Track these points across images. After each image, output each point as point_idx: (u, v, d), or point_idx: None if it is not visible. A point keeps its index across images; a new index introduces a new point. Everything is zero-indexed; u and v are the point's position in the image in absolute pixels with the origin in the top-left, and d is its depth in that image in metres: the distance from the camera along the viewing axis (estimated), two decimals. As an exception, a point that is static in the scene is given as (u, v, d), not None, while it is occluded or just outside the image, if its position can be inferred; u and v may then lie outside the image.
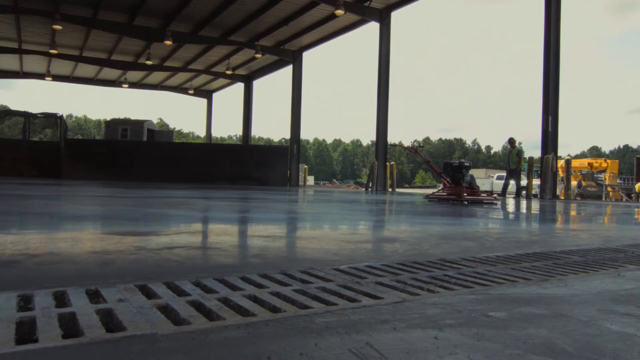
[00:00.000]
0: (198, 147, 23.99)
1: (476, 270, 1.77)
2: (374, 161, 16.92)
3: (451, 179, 8.68)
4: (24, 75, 27.53)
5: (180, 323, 1.03)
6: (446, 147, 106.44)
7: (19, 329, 0.93)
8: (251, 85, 26.36)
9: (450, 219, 4.63)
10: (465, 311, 1.20)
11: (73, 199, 5.67)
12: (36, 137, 26.60)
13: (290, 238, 2.83)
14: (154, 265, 1.69)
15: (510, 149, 13.71)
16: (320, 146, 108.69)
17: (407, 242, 2.60)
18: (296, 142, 21.15)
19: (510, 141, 13.83)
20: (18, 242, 2.12)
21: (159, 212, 4.18)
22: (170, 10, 17.38)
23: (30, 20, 18.33)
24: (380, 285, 1.47)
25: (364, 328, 1.04)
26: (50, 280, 1.36)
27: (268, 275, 1.55)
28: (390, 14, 16.25)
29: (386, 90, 16.25)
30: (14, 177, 15.93)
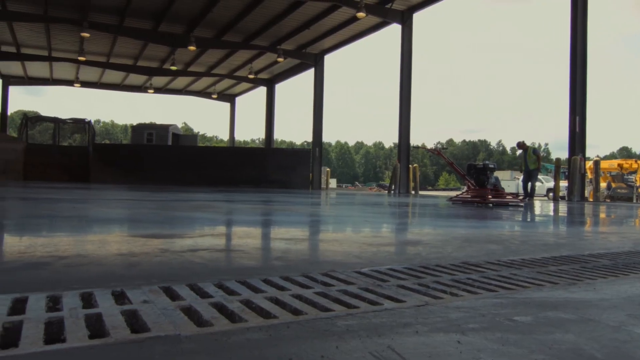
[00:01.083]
0: (221, 150, 24.26)
1: (501, 274, 1.74)
2: (397, 163, 16.82)
3: (475, 181, 8.56)
4: (53, 82, 28.34)
5: (202, 324, 1.04)
6: (470, 149, 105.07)
7: (48, 329, 0.95)
8: (273, 89, 26.53)
9: (474, 222, 4.56)
10: (489, 315, 1.18)
11: (100, 203, 5.80)
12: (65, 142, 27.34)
13: (312, 241, 2.84)
14: (178, 267, 1.71)
15: (524, 151, 13.41)
16: (342, 149, 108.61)
17: (430, 245, 2.57)
18: (318, 145, 21.18)
19: (520, 145, 13.53)
20: (48, 244, 2.18)
21: (183, 215, 4.24)
22: (193, 16, 17.65)
23: (60, 29, 18.87)
24: (402, 289, 1.45)
25: (385, 331, 1.03)
26: (77, 282, 1.40)
27: (290, 277, 1.55)
28: (412, 15, 16.14)
29: (408, 92, 16.14)
30: (45, 181, 16.39)
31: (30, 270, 1.60)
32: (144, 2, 16.35)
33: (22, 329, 0.94)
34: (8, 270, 1.64)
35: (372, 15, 15.85)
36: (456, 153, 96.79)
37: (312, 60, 21.33)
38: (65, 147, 22.44)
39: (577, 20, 11.57)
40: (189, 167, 18.08)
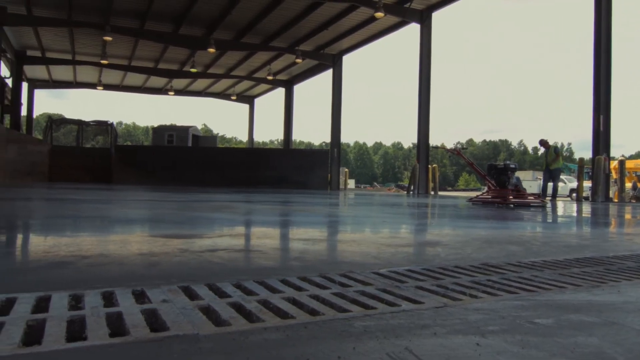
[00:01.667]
0: (241, 151, 24.46)
1: (521, 276, 1.71)
2: (416, 164, 16.70)
3: (496, 182, 8.44)
4: (77, 85, 28.95)
5: (221, 324, 1.05)
6: (491, 149, 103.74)
7: (70, 327, 0.97)
8: (292, 90, 26.62)
9: (494, 223, 4.50)
10: (509, 317, 1.17)
11: (122, 203, 5.90)
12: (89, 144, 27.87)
13: (330, 241, 2.83)
14: (197, 267, 1.73)
15: (546, 149, 13.13)
16: (360, 149, 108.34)
17: (449, 246, 2.54)
18: (337, 146, 21.17)
19: (542, 143, 13.24)
20: (71, 244, 2.22)
21: (202, 216, 4.28)
22: (213, 19, 17.84)
23: (83, 33, 19.27)
24: (421, 290, 1.44)
25: (403, 333, 1.02)
26: (99, 281, 1.42)
27: (307, 278, 1.55)
28: (431, 14, 16.02)
29: (427, 92, 16.02)
30: (69, 182, 16.75)
31: (54, 269, 1.63)
32: (164, 5, 16.59)
33: (46, 327, 0.96)
34: (33, 270, 1.68)
35: (391, 15, 15.78)
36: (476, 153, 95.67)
37: (331, 60, 21.34)
38: (89, 149, 22.89)
39: (601, 15, 11.33)
40: (208, 167, 18.27)
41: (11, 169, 14.22)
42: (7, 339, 0.89)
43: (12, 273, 1.60)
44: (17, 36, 20.06)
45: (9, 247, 2.32)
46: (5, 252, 2.13)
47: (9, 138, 14.15)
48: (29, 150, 16.74)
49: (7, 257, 1.98)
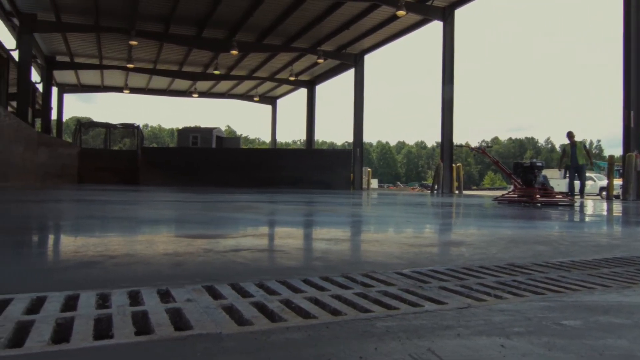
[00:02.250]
0: (263, 152, 24.63)
1: (548, 276, 1.67)
2: (439, 163, 16.52)
3: (522, 180, 8.28)
4: (104, 89, 29.64)
5: (243, 323, 1.06)
6: (517, 147, 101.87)
7: (97, 325, 1.00)
8: (314, 90, 26.66)
9: (521, 222, 4.42)
10: (535, 319, 1.14)
11: (149, 204, 6.01)
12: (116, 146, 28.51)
13: (353, 241, 2.83)
14: (221, 267, 1.75)
15: (572, 145, 12.62)
16: (383, 149, 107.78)
17: (473, 246, 2.51)
18: (359, 145, 21.11)
19: (569, 135, 12.66)
20: (99, 244, 2.28)
21: (226, 216, 4.33)
22: (235, 21, 18.01)
23: (110, 38, 19.71)
24: (444, 290, 1.43)
25: (425, 333, 1.01)
26: (126, 280, 1.45)
27: (329, 278, 1.56)
28: (453, 11, 15.82)
29: (451, 90, 15.83)
30: (97, 183, 17.15)
31: (83, 269, 1.67)
32: (188, 9, 16.83)
33: (74, 325, 0.99)
34: (63, 269, 1.72)
35: (413, 13, 15.65)
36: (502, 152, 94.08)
37: (352, 60, 21.29)
38: (116, 151, 23.43)
39: (630, 8, 11.00)
40: (232, 168, 18.45)
41: (42, 171, 14.64)
42: (37, 336, 0.92)
43: (44, 272, 1.65)
44: (46, 42, 20.65)
45: (41, 247, 2.39)
46: (37, 252, 2.20)
47: (40, 141, 14.57)
48: (59, 153, 17.21)
49: (39, 257, 2.04)
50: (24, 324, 0.98)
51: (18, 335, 0.93)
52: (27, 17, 16.69)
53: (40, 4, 16.29)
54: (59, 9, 16.80)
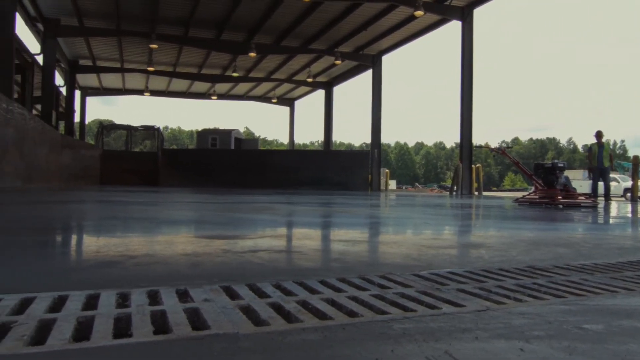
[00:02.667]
0: (281, 153, 24.73)
1: (570, 279, 1.64)
2: (459, 164, 16.36)
3: (543, 181, 8.15)
4: (125, 91, 30.14)
5: (260, 324, 1.06)
6: (538, 148, 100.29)
7: (117, 324, 1.01)
8: (331, 92, 26.67)
9: (542, 224, 4.35)
10: (555, 322, 1.12)
11: (168, 205, 6.09)
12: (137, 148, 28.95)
13: (370, 243, 2.82)
14: (238, 267, 1.76)
15: (601, 144, 12.24)
16: (401, 150, 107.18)
17: (493, 248, 2.47)
18: (377, 146, 21.03)
19: (598, 135, 12.27)
20: (120, 244, 2.31)
21: (244, 217, 4.36)
22: (253, 24, 18.13)
23: (131, 42, 20.04)
24: (462, 293, 1.41)
25: (443, 336, 1.00)
26: (145, 280, 1.47)
27: (346, 279, 1.55)
28: (472, 11, 15.66)
29: (470, 90, 15.66)
30: (119, 185, 17.44)
31: (104, 268, 1.70)
32: (207, 12, 17.01)
33: (94, 324, 1.00)
34: (85, 269, 1.76)
35: (431, 13, 15.54)
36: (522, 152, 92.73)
37: (370, 61, 21.24)
38: (137, 153, 23.80)
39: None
40: (250, 170, 18.58)
41: (66, 173, 14.95)
42: (58, 334, 0.94)
43: (66, 272, 1.68)
44: (70, 47, 21.10)
45: (63, 247, 2.45)
46: (60, 252, 2.25)
47: (63, 143, 14.88)
48: (82, 155, 17.55)
49: (61, 257, 2.09)
50: (46, 322, 1.00)
51: (40, 333, 0.95)
52: (51, 22, 17.09)
53: (64, 9, 16.65)
54: (81, 13, 17.15)
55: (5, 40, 11.44)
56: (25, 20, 16.92)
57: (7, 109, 9.34)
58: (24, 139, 10.52)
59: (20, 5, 15.14)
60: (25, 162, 10.64)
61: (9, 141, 9.47)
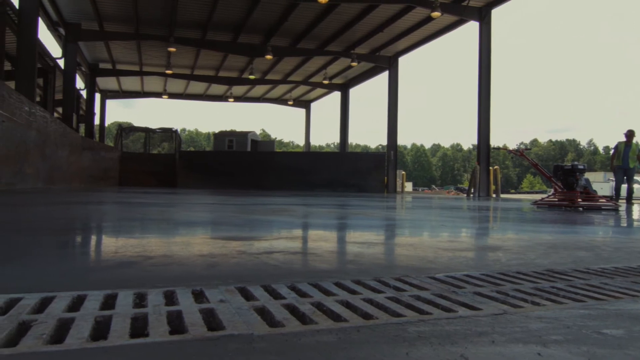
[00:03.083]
0: (297, 155, 24.79)
1: (589, 283, 1.61)
2: (476, 166, 16.19)
3: (563, 184, 8.02)
4: (144, 94, 30.58)
5: (274, 325, 1.06)
6: (557, 149, 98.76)
7: (134, 324, 1.03)
8: (347, 94, 26.66)
9: (561, 227, 4.28)
10: (574, 327, 1.10)
11: (186, 206, 6.15)
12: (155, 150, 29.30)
13: (386, 245, 2.81)
14: (253, 268, 1.77)
15: (629, 143, 11.82)
16: (418, 151, 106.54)
17: (511, 251, 2.44)
18: (393, 148, 20.95)
19: (630, 134, 11.83)
20: (137, 245, 2.34)
21: (260, 219, 4.38)
22: (270, 27, 18.24)
23: (149, 45, 20.34)
24: (479, 296, 1.39)
25: (459, 339, 0.99)
26: (162, 280, 1.49)
27: (361, 281, 1.55)
28: (490, 11, 15.52)
29: (488, 91, 15.51)
30: (137, 186, 17.68)
31: (122, 268, 1.73)
32: (225, 15, 17.17)
33: (112, 323, 1.02)
34: (103, 269, 1.78)
35: (448, 14, 15.44)
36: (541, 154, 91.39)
37: (386, 63, 21.18)
38: (155, 155, 24.08)
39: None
40: (266, 171, 18.67)
41: (86, 174, 15.21)
42: (76, 333, 0.95)
43: (85, 272, 1.71)
44: (90, 50, 21.49)
45: (83, 247, 2.49)
46: (80, 252, 2.28)
47: (83, 146, 15.16)
48: (102, 157, 17.85)
49: (81, 257, 2.12)
50: (65, 321, 1.02)
51: (59, 332, 0.97)
52: (72, 27, 17.43)
53: (85, 14, 16.97)
54: (102, 18, 17.46)
55: (28, 44, 11.70)
56: (48, 25, 17.29)
57: (29, 111, 9.55)
58: (46, 141, 10.74)
59: (43, 10, 15.48)
60: (47, 164, 10.86)
61: (31, 143, 9.68)
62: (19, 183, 9.04)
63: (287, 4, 16.07)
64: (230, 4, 16.16)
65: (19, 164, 9.07)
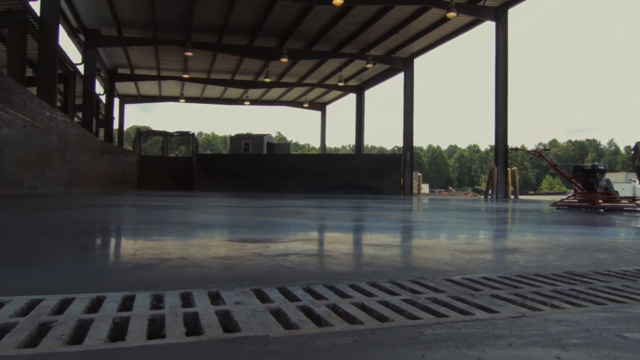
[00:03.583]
0: (313, 158, 24.82)
1: (611, 285, 1.58)
2: (494, 167, 16.01)
3: (583, 184, 7.87)
4: (162, 98, 30.98)
5: (290, 327, 1.07)
6: (577, 150, 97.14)
7: (151, 325, 1.04)
8: (363, 95, 26.62)
9: (581, 228, 4.20)
10: (595, 330, 1.08)
11: (203, 209, 6.20)
12: (173, 154, 29.65)
13: (402, 247, 2.79)
14: (269, 270, 1.78)
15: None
16: (434, 153, 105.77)
17: (529, 253, 2.41)
18: (409, 150, 20.83)
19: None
20: (155, 247, 2.37)
21: (276, 221, 4.39)
22: (285, 30, 18.32)
23: (167, 50, 20.60)
24: (497, 298, 1.38)
25: (475, 342, 0.98)
26: (178, 282, 1.50)
27: (377, 283, 1.54)
28: (506, 11, 15.35)
29: (505, 91, 15.33)
30: (155, 189, 17.89)
31: (140, 270, 1.75)
32: (240, 19, 17.30)
33: (129, 324, 1.03)
34: (121, 271, 1.81)
35: (464, 14, 15.33)
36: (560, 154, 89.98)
37: (402, 64, 21.09)
38: (173, 158, 24.37)
39: None
40: (282, 174, 18.72)
41: (105, 178, 15.45)
42: (95, 334, 0.97)
43: (104, 273, 1.74)
44: (109, 56, 21.86)
45: (102, 250, 2.53)
46: (99, 255, 2.32)
47: (103, 150, 15.40)
48: (121, 161, 18.11)
49: (100, 259, 2.16)
50: (84, 322, 1.04)
51: (78, 333, 0.98)
52: (92, 33, 17.75)
53: (104, 20, 17.27)
54: (120, 24, 17.74)
55: (49, 51, 11.95)
56: (68, 31, 17.64)
57: (50, 117, 9.75)
58: (67, 145, 10.94)
59: (63, 18, 15.80)
60: (68, 168, 11.06)
61: (52, 148, 9.88)
62: (40, 187, 9.23)
63: (302, 7, 16.12)
64: (245, 8, 16.28)
65: (41, 168, 9.26)
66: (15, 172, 8.10)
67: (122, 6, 16.29)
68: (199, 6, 16.09)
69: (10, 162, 7.87)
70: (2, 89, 7.48)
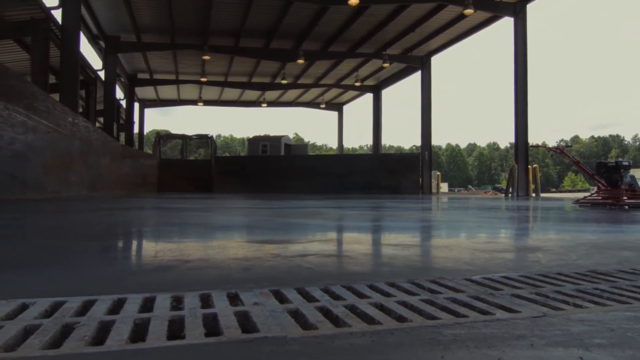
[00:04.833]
0: (330, 158, 24.83)
1: (635, 284, 1.54)
2: (514, 165, 15.78)
3: (606, 181, 7.70)
4: (180, 102, 31.36)
5: (308, 328, 1.07)
6: (600, 146, 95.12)
7: (171, 326, 1.05)
8: (380, 95, 26.52)
9: (605, 226, 4.11)
10: (619, 330, 1.06)
11: (222, 211, 6.25)
12: (192, 156, 30.00)
13: (421, 247, 2.77)
14: (287, 271, 1.78)
15: None
16: (453, 151, 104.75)
17: (551, 252, 2.37)
18: (427, 149, 20.68)
19: None
20: (175, 249, 2.40)
21: (294, 222, 4.40)
22: (301, 31, 18.37)
23: (185, 54, 20.85)
24: (517, 298, 1.36)
25: (496, 343, 0.97)
26: (198, 284, 1.52)
27: (395, 284, 1.53)
28: (525, 6, 15.13)
29: (524, 88, 15.10)
30: (175, 192, 18.11)
31: (160, 272, 1.77)
32: (256, 22, 17.42)
33: (150, 326, 1.05)
34: (142, 272, 1.84)
35: (481, 10, 15.15)
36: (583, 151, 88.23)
37: (419, 62, 20.96)
38: (192, 161, 24.67)
39: None
40: (300, 175, 18.77)
41: (127, 181, 15.71)
42: (116, 335, 0.98)
43: (125, 275, 1.76)
44: (129, 61, 22.22)
45: (123, 252, 2.57)
46: (121, 257, 2.36)
47: (124, 154, 15.66)
48: (141, 164, 18.39)
49: (122, 261, 2.19)
50: (105, 324, 1.06)
51: (100, 334, 1.00)
52: (112, 40, 18.08)
53: (123, 27, 17.57)
54: (139, 30, 18.03)
55: (70, 58, 12.21)
56: (89, 38, 18.00)
57: (73, 122, 9.96)
58: (89, 150, 11.16)
59: (84, 25, 16.12)
60: (90, 172, 11.28)
61: (75, 153, 10.08)
62: (64, 191, 9.43)
63: (317, 8, 16.15)
64: (261, 11, 16.38)
65: (64, 172, 9.46)
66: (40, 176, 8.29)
67: (141, 13, 16.55)
68: (215, 10, 16.25)
69: (34, 167, 8.06)
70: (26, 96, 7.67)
